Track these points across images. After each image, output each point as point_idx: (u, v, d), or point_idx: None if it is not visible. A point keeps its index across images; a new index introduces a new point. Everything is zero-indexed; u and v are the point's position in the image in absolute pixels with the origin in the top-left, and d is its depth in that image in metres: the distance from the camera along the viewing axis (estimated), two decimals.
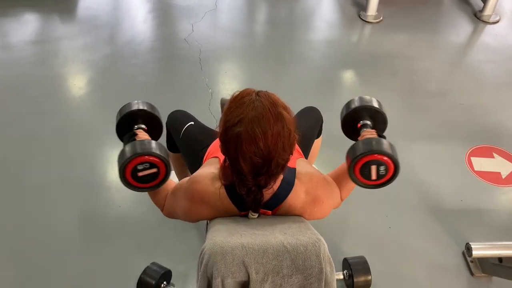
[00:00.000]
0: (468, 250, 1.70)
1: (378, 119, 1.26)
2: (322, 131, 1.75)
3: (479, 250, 1.67)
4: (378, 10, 3.52)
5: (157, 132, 1.35)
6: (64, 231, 1.91)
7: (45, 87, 2.72)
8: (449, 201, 2.10)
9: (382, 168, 1.08)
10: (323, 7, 3.83)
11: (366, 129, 1.23)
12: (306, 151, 1.58)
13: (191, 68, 2.91)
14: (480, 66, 3.09)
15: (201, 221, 1.20)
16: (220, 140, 0.99)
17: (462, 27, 3.53)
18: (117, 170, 1.08)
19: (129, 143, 1.11)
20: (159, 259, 1.70)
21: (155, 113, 1.30)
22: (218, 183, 1.08)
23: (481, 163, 2.31)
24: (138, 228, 1.93)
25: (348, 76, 3.01)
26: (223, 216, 1.12)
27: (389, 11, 3.62)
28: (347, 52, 3.20)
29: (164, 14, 3.58)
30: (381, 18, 3.53)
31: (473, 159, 2.33)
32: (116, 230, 1.92)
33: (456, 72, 3.04)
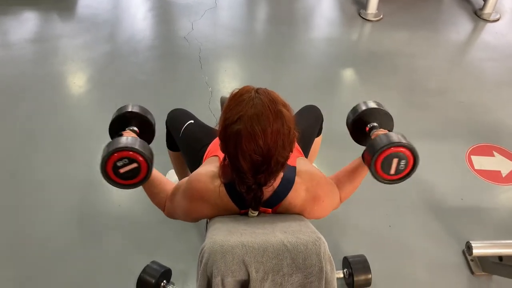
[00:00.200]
0: (468, 248, 1.70)
1: (384, 119, 1.29)
2: (322, 130, 1.75)
3: (480, 248, 1.67)
4: (378, 8, 3.51)
5: (149, 135, 1.35)
6: (63, 230, 1.91)
7: (45, 85, 2.72)
8: (449, 200, 2.10)
9: (402, 163, 1.10)
10: (323, 5, 3.82)
11: (377, 130, 1.24)
12: (306, 150, 1.58)
13: (191, 66, 2.90)
14: (480, 64, 3.08)
15: (201, 220, 1.20)
16: (219, 138, 0.99)
17: (462, 25, 3.52)
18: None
19: (109, 142, 1.10)
20: (159, 258, 1.70)
21: (147, 116, 1.30)
22: (217, 181, 1.07)
23: (481, 162, 2.31)
24: (137, 227, 1.93)
25: (348, 74, 3.00)
26: (223, 215, 1.11)
27: (389, 9, 3.62)
28: (347, 50, 3.20)
29: (164, 12, 3.57)
30: (381, 16, 3.52)
31: (473, 157, 2.33)
32: (115, 229, 1.92)
33: (456, 70, 3.03)
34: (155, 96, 2.66)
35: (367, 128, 1.27)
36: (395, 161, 1.09)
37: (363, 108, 1.28)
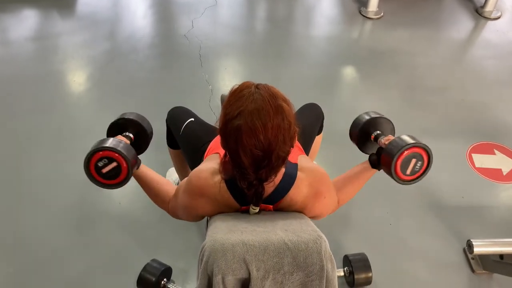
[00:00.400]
0: (469, 247, 1.69)
1: (386, 126, 1.35)
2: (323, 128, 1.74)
3: (480, 247, 1.67)
4: (378, 6, 3.50)
5: (142, 143, 1.36)
6: (63, 228, 1.91)
7: (45, 83, 2.71)
8: (450, 198, 2.10)
9: (418, 164, 1.16)
10: (323, 3, 3.81)
11: (384, 136, 1.28)
12: (307, 148, 1.57)
13: (191, 64, 2.90)
14: (481, 62, 3.08)
15: (202, 219, 1.20)
16: (220, 134, 0.98)
17: (463, 23, 3.52)
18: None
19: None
20: (159, 256, 1.71)
21: (143, 125, 1.33)
22: (218, 177, 1.07)
23: (482, 160, 2.30)
24: (138, 225, 1.92)
25: (349, 72, 3.00)
26: (224, 211, 1.11)
27: (390, 7, 3.61)
28: (347, 48, 3.19)
29: (164, 10, 3.56)
30: (382, 14, 3.51)
31: (474, 155, 2.33)
32: (116, 226, 1.91)
33: (457, 69, 3.03)
34: (155, 94, 2.65)
35: (372, 137, 1.32)
36: (413, 161, 1.15)
37: (366, 118, 1.33)
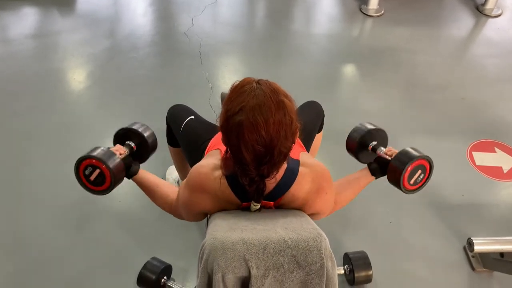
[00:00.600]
0: (469, 245, 1.69)
1: (382, 136, 1.40)
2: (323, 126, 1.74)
3: (481, 245, 1.67)
4: (379, 4, 3.50)
5: (143, 154, 1.37)
6: (63, 228, 1.90)
7: (45, 81, 2.71)
8: (450, 196, 2.10)
9: (422, 175, 1.23)
10: (324, 0, 3.80)
11: (384, 148, 1.33)
12: (308, 145, 1.57)
13: (191, 62, 2.89)
14: (482, 60, 3.07)
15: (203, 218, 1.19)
16: (221, 130, 0.98)
17: (464, 21, 3.51)
18: None
19: None
20: (159, 254, 1.71)
21: (145, 135, 1.34)
22: (218, 172, 1.06)
23: (483, 158, 2.30)
24: (138, 223, 1.92)
25: (349, 70, 2.99)
26: (224, 207, 1.11)
27: (391, 4, 3.60)
28: (348, 46, 3.18)
29: (164, 7, 3.56)
30: (383, 11, 3.50)
31: (475, 153, 2.32)
32: (116, 224, 1.91)
33: (458, 66, 3.02)
34: (155, 92, 2.65)
35: (370, 147, 1.37)
36: (418, 172, 1.22)
37: (363, 130, 1.38)
